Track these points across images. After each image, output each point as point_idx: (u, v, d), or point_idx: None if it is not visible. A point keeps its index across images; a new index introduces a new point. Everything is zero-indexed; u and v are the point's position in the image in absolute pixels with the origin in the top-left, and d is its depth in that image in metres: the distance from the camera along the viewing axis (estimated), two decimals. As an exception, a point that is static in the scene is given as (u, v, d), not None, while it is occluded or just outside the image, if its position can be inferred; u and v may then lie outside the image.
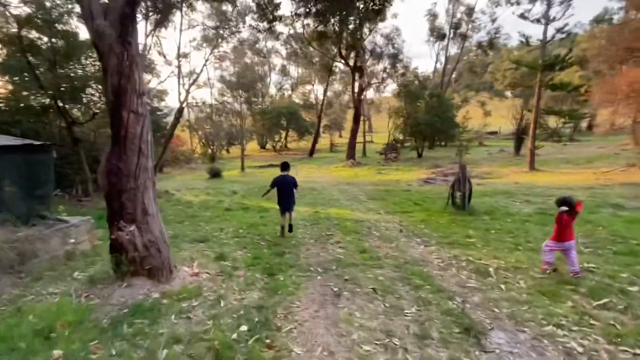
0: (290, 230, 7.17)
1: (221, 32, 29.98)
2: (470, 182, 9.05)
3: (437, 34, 33.17)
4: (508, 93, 65.02)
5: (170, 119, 33.23)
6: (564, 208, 4.53)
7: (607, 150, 25.70)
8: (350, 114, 52.26)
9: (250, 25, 21.22)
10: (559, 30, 19.45)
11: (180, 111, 14.45)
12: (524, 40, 19.61)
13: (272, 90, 48.63)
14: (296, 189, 7.22)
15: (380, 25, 26.12)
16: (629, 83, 14.18)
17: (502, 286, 4.27)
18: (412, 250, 6.01)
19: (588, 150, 26.49)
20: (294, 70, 48.11)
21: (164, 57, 26.67)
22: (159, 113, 13.56)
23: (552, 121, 28.40)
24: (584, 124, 35.33)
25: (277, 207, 7.22)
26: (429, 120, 25.99)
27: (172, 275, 4.35)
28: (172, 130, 14.24)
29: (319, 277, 4.74)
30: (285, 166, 7.33)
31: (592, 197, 10.48)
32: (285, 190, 7.05)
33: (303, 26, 28.60)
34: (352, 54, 25.76)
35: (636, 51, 14.85)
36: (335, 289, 4.31)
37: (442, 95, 28.37)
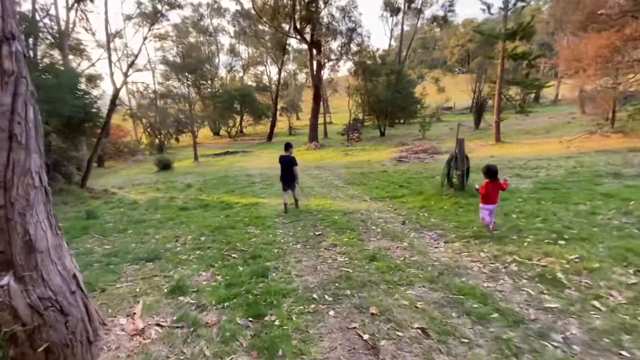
0: (297, 205, 7.80)
1: (159, 6, 26.59)
2: (468, 159, 7.85)
3: (392, 8, 31.99)
4: (457, 70, 66.36)
5: (104, 106, 29.47)
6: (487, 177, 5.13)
7: (558, 120, 26.37)
8: (306, 95, 50.24)
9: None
10: (518, -1, 18.92)
11: (115, 96, 11.90)
12: (485, 8, 18.83)
13: (222, 72, 45.24)
14: (295, 166, 7.62)
15: (335, -3, 24.29)
16: (595, 49, 13.79)
17: (597, 304, 2.99)
18: (434, 250, 4.63)
19: (540, 121, 27.02)
20: (244, 51, 44.96)
21: (93, 34, 22.78)
22: (88, 97, 10.99)
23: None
24: (531, 95, 36.31)
25: (243, 201, 7.98)
26: (389, 97, 24.92)
27: (95, 345, 2.56)
28: (108, 119, 11.72)
29: (331, 313, 3.18)
30: (287, 146, 7.80)
31: (582, 166, 9.83)
32: (284, 168, 7.62)
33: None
34: (308, 29, 23.79)
35: (597, 17, 14.47)
36: (365, 336, 2.77)
37: (401, 71, 27.38)
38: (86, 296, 2.66)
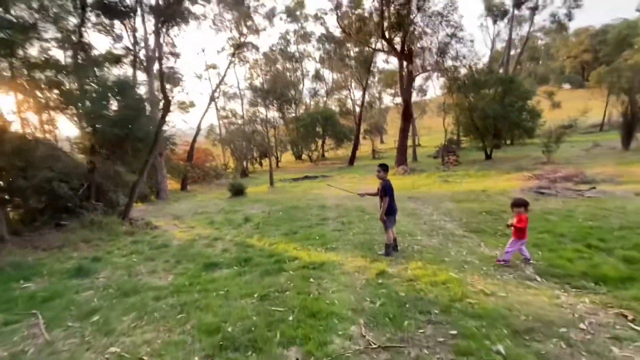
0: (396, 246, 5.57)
1: (243, 30, 25.82)
2: None
3: (497, 12, 26.50)
4: (567, 85, 55.74)
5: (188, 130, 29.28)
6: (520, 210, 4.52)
7: None
8: (390, 117, 46.06)
9: None
10: None
11: (165, 108, 9.52)
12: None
13: (306, 97, 43.80)
14: None
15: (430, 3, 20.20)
16: None
17: None
18: None
19: None
20: (329, 75, 43.03)
21: (177, 57, 22.27)
22: (129, 111, 8.68)
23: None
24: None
25: (303, 255, 5.48)
26: (499, 111, 19.44)
27: None
28: (156, 137, 9.29)
29: None
30: (387, 168, 5.59)
31: None
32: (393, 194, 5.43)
33: (337, 15, 23.45)
34: (398, 38, 20.10)
35: None
36: None
37: (514, 79, 21.65)
38: None
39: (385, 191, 5.40)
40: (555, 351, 2.55)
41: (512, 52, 31.78)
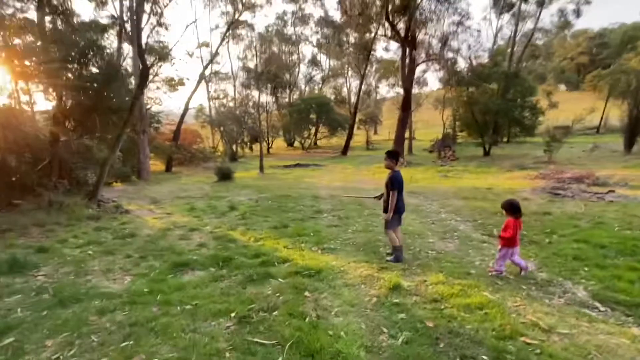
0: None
1: (239, 6, 24.22)
2: None
3: (504, 4, 25.40)
4: (562, 86, 55.40)
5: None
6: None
7: None
8: (387, 108, 44.96)
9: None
10: None
11: (143, 76, 8.22)
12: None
13: (301, 82, 42.27)
14: None
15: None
16: None
17: None
18: None
19: None
20: (325, 61, 41.54)
21: (166, 28, 20.62)
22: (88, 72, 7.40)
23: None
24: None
25: (296, 258, 4.55)
26: (502, 106, 18.55)
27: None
28: (132, 108, 8.02)
29: None
30: (397, 156, 4.65)
31: None
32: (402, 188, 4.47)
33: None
34: (402, 23, 18.89)
35: None
36: None
37: (518, 74, 20.75)
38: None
39: (393, 183, 4.39)
40: None
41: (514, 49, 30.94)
